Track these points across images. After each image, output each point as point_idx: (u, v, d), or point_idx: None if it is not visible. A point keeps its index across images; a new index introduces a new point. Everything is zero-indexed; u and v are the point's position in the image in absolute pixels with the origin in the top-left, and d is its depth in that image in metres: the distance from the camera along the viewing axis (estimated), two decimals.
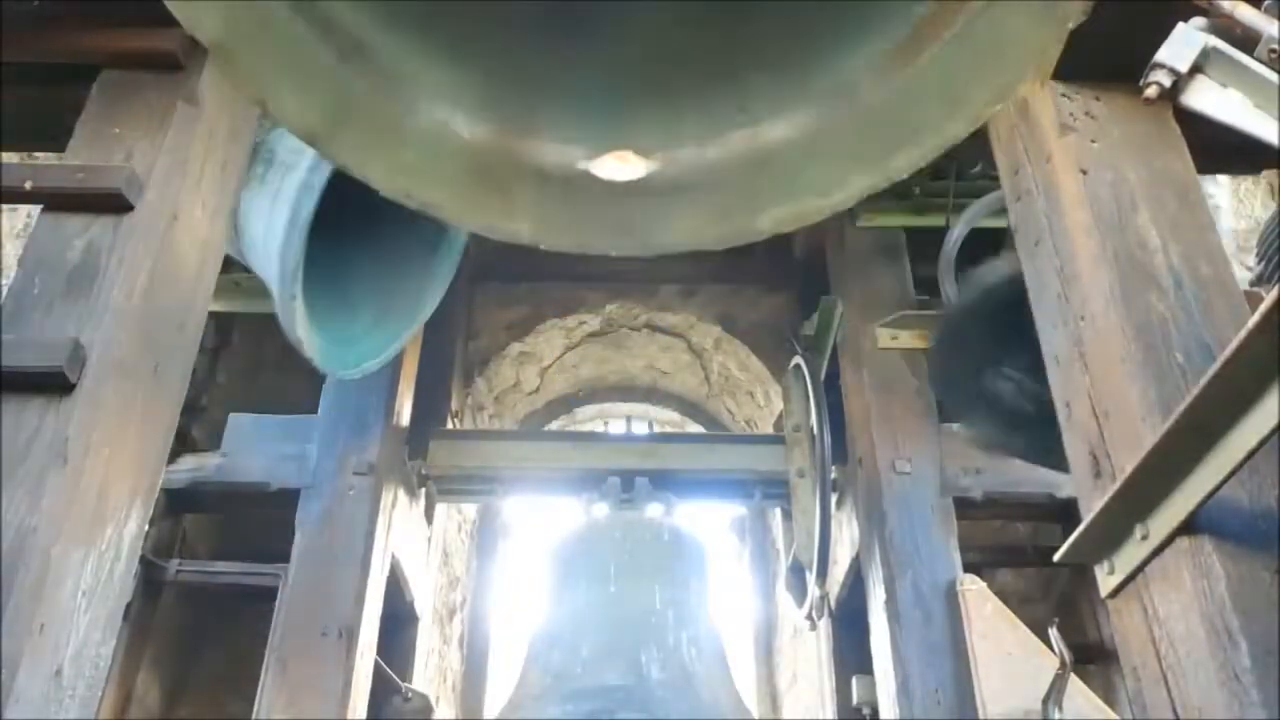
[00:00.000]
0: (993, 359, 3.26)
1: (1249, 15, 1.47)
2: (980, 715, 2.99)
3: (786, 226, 0.72)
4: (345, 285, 3.28)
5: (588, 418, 6.47)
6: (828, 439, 3.76)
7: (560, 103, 0.73)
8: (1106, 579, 1.66)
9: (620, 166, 0.70)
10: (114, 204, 1.86)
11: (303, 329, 2.86)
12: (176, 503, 3.67)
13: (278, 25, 0.65)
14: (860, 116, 0.70)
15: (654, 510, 3.99)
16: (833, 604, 4.04)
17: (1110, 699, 3.23)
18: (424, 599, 4.25)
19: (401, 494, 3.93)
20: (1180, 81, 1.51)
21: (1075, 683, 2.85)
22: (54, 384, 1.64)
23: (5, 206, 3.33)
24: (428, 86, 0.69)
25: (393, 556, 3.75)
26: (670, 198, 0.71)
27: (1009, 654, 3.09)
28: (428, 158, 0.71)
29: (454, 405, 5.07)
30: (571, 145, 0.72)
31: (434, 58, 0.70)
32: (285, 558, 3.41)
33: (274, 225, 2.71)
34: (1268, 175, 4.55)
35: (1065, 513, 3.63)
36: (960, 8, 0.66)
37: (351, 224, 3.28)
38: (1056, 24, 0.65)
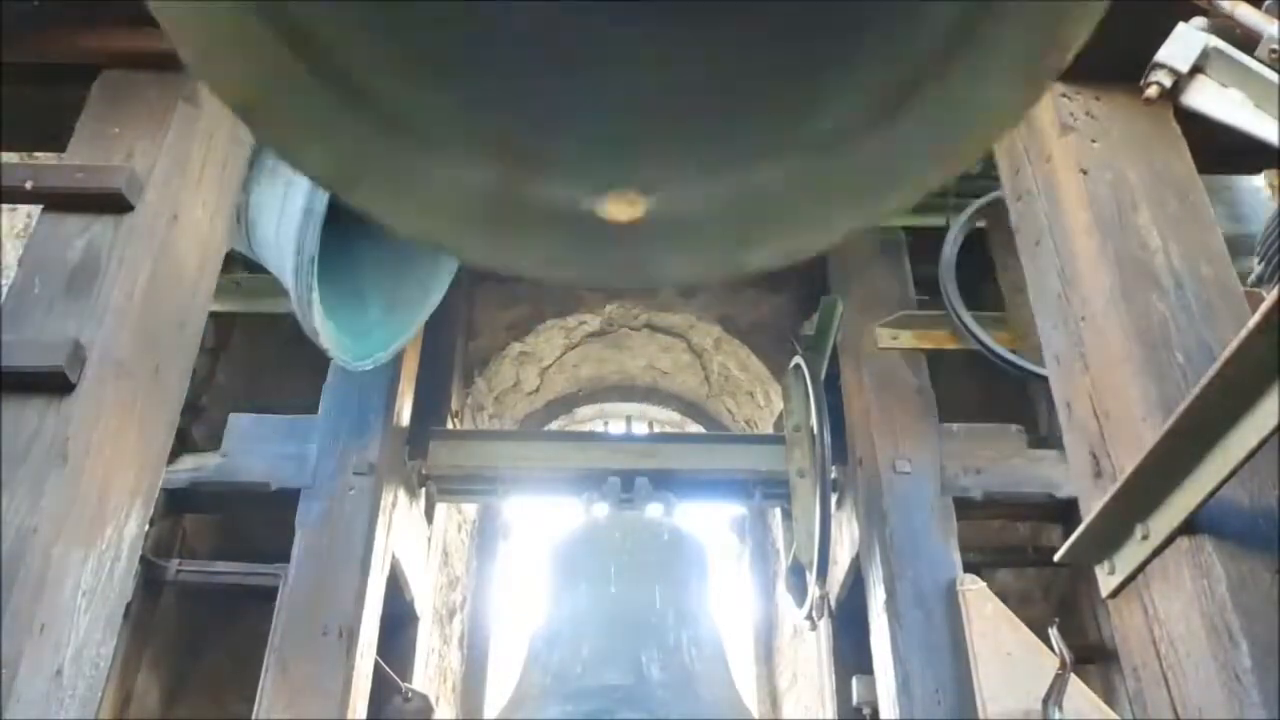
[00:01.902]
0: None
1: (1249, 15, 1.47)
2: (980, 715, 2.99)
3: (774, 264, 0.77)
4: (354, 277, 3.28)
5: (588, 418, 6.47)
6: (828, 439, 3.75)
7: (566, 147, 0.78)
8: (1107, 579, 1.66)
9: (623, 206, 0.73)
10: (114, 204, 1.86)
11: (319, 320, 2.84)
12: (176, 503, 3.66)
13: (297, 85, 0.68)
14: (847, 163, 0.74)
15: (654, 510, 3.99)
16: (833, 604, 4.04)
17: (1110, 699, 3.23)
18: (424, 599, 4.25)
19: (401, 494, 3.93)
20: (1180, 81, 1.51)
21: (1075, 683, 2.85)
22: (54, 384, 1.64)
23: (5, 206, 3.33)
24: (440, 137, 0.74)
25: (393, 556, 3.74)
26: (668, 236, 0.75)
27: (1009, 654, 3.09)
28: (442, 203, 0.75)
29: (454, 405, 5.07)
30: (577, 186, 0.75)
31: (445, 111, 0.75)
32: (285, 558, 3.41)
33: (288, 215, 2.68)
34: (1268, 175, 4.55)
35: (1065, 513, 3.63)
36: (941, 68, 0.69)
37: (355, 216, 3.26)
38: (1035, 80, 0.69)
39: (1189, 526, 1.45)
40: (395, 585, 3.80)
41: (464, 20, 0.72)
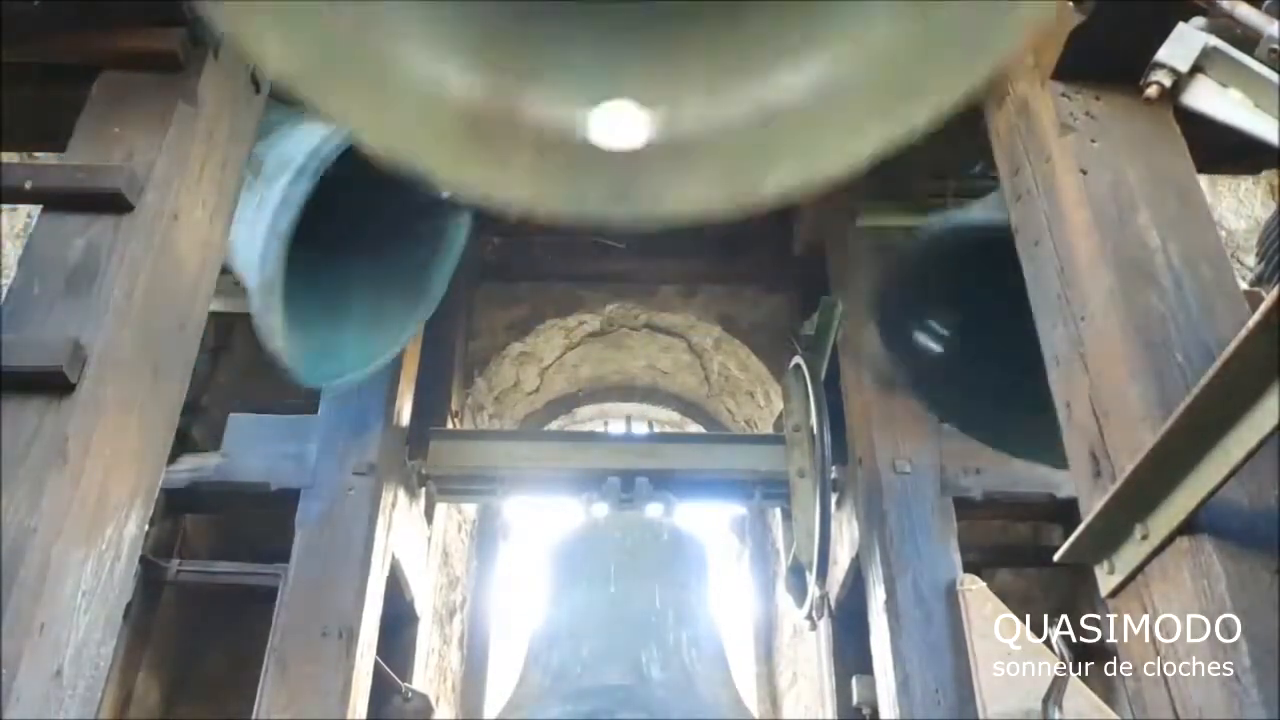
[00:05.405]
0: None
1: (1249, 15, 1.47)
2: (980, 715, 2.99)
3: (796, 190, 0.66)
4: (336, 294, 3.26)
5: (588, 418, 6.46)
6: (828, 439, 3.75)
7: (557, 56, 0.69)
8: (1106, 579, 1.66)
9: (621, 123, 0.65)
10: (114, 204, 1.86)
11: (281, 339, 2.85)
12: (176, 503, 3.66)
13: None
14: (873, 65, 0.64)
15: (654, 510, 3.99)
16: (833, 604, 4.04)
17: (1110, 699, 3.23)
18: (424, 599, 4.25)
19: (401, 494, 3.93)
20: (1180, 81, 1.51)
21: (1075, 683, 2.85)
22: (54, 384, 1.64)
23: (5, 206, 3.33)
24: (420, 37, 0.65)
25: (393, 556, 3.74)
26: (673, 161, 0.66)
27: (1009, 654, 3.09)
28: (419, 115, 0.66)
29: (454, 405, 5.07)
30: (570, 103, 0.66)
31: (424, 8, 0.66)
32: (285, 558, 3.41)
33: (255, 234, 2.71)
34: (1268, 175, 4.55)
35: (1065, 513, 3.63)
36: None
37: (346, 233, 3.27)
38: None
39: (1189, 526, 1.45)
40: (395, 585, 3.80)
41: None
